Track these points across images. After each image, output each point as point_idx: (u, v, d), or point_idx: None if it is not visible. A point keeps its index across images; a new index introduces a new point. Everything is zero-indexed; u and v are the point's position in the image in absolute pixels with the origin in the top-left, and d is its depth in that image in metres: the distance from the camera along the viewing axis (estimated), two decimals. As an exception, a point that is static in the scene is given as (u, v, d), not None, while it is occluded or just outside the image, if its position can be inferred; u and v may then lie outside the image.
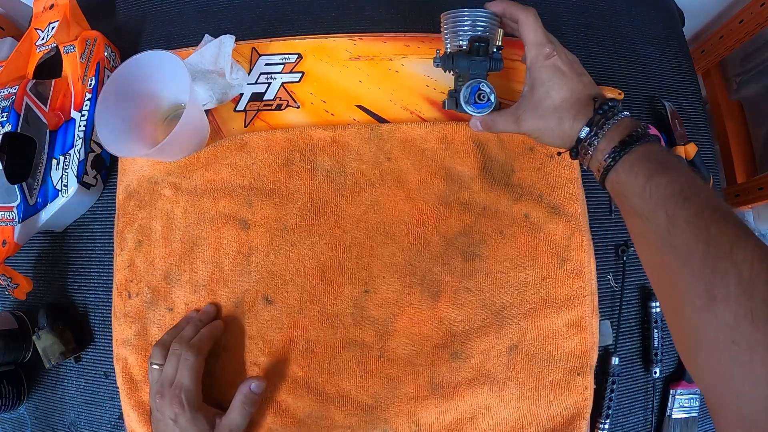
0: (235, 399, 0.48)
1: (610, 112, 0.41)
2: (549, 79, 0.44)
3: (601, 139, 0.40)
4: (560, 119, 0.44)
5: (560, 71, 0.44)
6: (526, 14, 0.47)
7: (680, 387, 0.55)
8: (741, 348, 0.27)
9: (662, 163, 0.36)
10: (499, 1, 0.49)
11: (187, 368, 0.47)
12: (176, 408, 0.45)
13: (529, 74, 0.47)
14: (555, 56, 0.45)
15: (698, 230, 0.31)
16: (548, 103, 0.44)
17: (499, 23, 0.51)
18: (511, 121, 0.48)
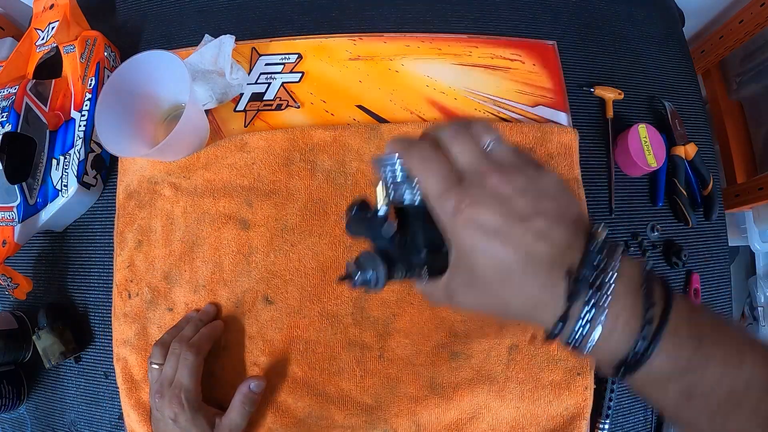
0: (235, 398, 0.48)
1: (602, 268, 0.27)
2: (470, 247, 0.29)
3: (602, 318, 0.27)
4: (506, 306, 0.30)
5: (483, 230, 0.28)
6: (407, 153, 0.32)
7: (680, 387, 0.55)
8: None
9: (715, 330, 0.27)
10: (391, 141, 0.33)
11: (186, 368, 0.47)
12: (176, 407, 0.45)
13: (447, 240, 0.32)
14: (468, 207, 0.29)
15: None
16: (480, 280, 0.30)
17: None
18: (445, 298, 0.34)
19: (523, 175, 0.30)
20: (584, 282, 0.27)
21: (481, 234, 0.28)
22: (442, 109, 0.58)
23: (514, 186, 0.29)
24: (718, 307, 0.59)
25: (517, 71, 0.61)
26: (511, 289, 0.29)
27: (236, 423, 0.47)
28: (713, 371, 0.26)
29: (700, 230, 0.60)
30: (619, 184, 0.59)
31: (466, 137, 0.32)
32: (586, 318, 0.27)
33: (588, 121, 0.60)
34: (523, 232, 0.28)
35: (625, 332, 0.26)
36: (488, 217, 0.28)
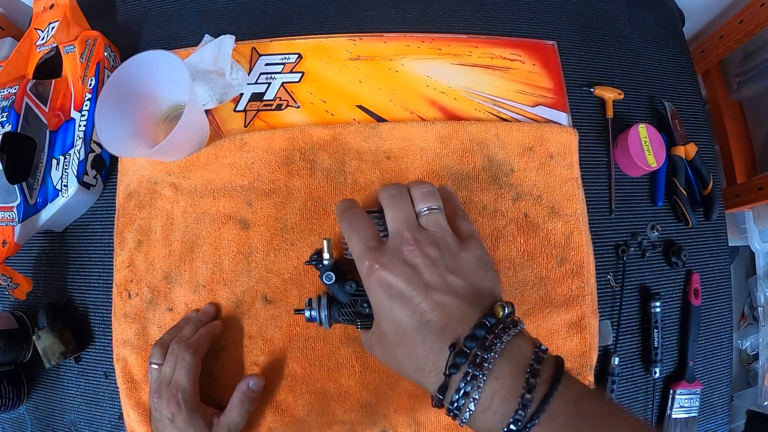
0: (233, 397, 0.48)
1: (475, 362, 0.28)
2: (378, 305, 0.32)
3: (475, 410, 0.28)
4: (399, 364, 0.32)
5: (389, 293, 0.31)
6: (340, 218, 0.36)
7: (680, 387, 0.55)
8: None
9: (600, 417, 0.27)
10: (338, 204, 0.38)
11: (183, 368, 0.46)
12: (173, 408, 0.45)
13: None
14: (378, 270, 0.32)
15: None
16: (385, 338, 0.33)
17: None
18: (367, 348, 0.39)
19: (440, 247, 0.32)
20: (465, 356, 0.28)
21: (386, 295, 0.31)
22: (442, 109, 0.58)
23: (426, 257, 0.32)
24: (717, 307, 0.59)
25: (517, 71, 0.61)
26: (403, 350, 0.31)
27: (235, 422, 0.46)
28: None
29: (700, 230, 0.60)
30: (619, 184, 0.59)
31: (403, 201, 0.35)
32: (463, 390, 0.28)
33: (588, 121, 0.60)
34: (422, 299, 0.30)
35: (499, 412, 0.27)
36: (394, 280, 0.31)
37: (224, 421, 0.46)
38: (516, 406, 0.27)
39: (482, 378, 0.27)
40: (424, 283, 0.31)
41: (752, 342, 0.83)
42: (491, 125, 0.56)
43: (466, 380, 0.28)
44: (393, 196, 0.35)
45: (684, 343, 0.56)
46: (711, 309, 0.59)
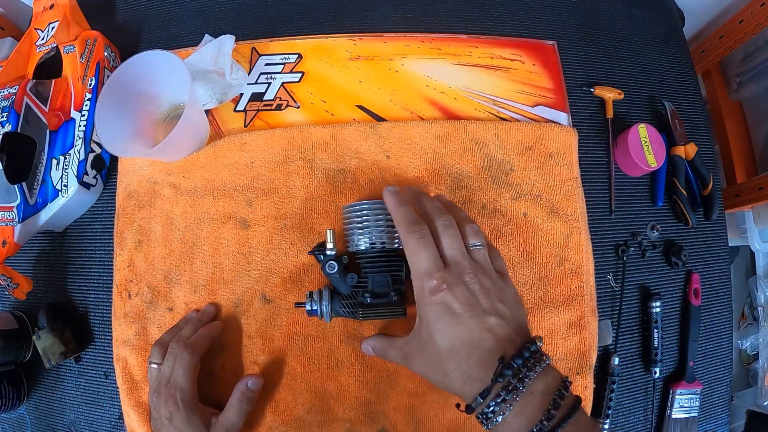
0: (232, 397, 0.48)
1: (518, 377, 0.33)
2: (435, 320, 0.36)
3: (507, 415, 0.33)
4: (445, 374, 0.36)
5: (450, 311, 0.36)
6: (403, 233, 0.40)
7: (680, 387, 0.55)
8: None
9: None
10: (396, 206, 0.42)
11: (182, 368, 0.46)
12: (171, 407, 0.44)
13: (417, 307, 0.39)
14: (445, 291, 0.36)
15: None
16: (433, 349, 0.37)
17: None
18: (401, 357, 0.42)
19: (491, 280, 0.39)
20: (511, 369, 0.33)
21: (447, 313, 0.36)
22: (442, 109, 0.58)
23: (482, 286, 0.37)
24: (717, 307, 0.59)
25: (517, 71, 0.61)
26: (453, 362, 0.35)
27: (233, 421, 0.46)
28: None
29: (700, 230, 0.60)
30: (619, 184, 0.59)
31: (457, 233, 0.40)
32: (503, 397, 0.33)
33: (588, 121, 0.60)
34: (478, 321, 0.36)
35: (526, 419, 0.32)
36: (456, 301, 0.36)
37: (222, 421, 0.46)
38: (542, 417, 0.32)
39: (521, 390, 0.33)
40: (481, 308, 0.36)
41: (752, 342, 0.83)
42: (491, 125, 0.56)
43: (507, 389, 0.33)
44: (448, 226, 0.40)
45: (684, 343, 0.56)
46: (711, 309, 0.59)
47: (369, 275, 0.47)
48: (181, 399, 0.45)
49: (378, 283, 0.47)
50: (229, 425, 0.46)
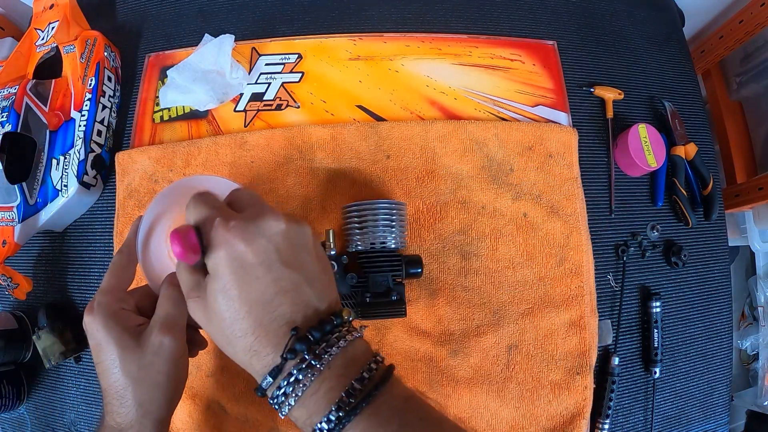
0: (161, 291, 0.37)
1: (314, 352, 0.28)
2: (223, 273, 0.29)
3: (301, 396, 0.28)
4: (229, 342, 0.30)
5: (241, 263, 0.29)
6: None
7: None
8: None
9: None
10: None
11: (108, 270, 0.38)
12: (87, 315, 0.35)
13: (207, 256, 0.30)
14: (240, 236, 0.29)
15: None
16: (216, 308, 0.29)
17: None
18: (196, 309, 0.31)
19: (303, 239, 0.32)
20: (306, 343, 0.28)
21: (237, 266, 0.29)
22: (442, 109, 0.58)
23: (289, 239, 0.31)
24: (717, 307, 0.59)
25: (517, 71, 0.61)
26: (238, 328, 0.29)
27: (168, 314, 0.35)
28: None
29: (700, 230, 0.60)
30: (619, 184, 0.59)
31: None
32: (295, 376, 0.28)
33: (588, 121, 0.60)
34: (273, 280, 0.29)
35: (324, 399, 0.28)
36: (252, 252, 0.29)
37: (156, 318, 0.35)
38: (342, 393, 0.27)
39: (318, 368, 0.28)
40: (282, 262, 0.30)
41: (752, 342, 0.83)
42: (491, 125, 0.56)
43: (301, 367, 0.28)
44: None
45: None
46: (711, 309, 0.59)
47: (369, 275, 0.47)
48: (98, 302, 0.35)
49: (378, 283, 0.47)
50: (163, 320, 0.35)
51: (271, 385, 0.29)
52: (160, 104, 0.60)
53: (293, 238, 0.31)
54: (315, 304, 0.30)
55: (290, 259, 0.30)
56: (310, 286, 0.30)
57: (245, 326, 0.29)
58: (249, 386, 0.51)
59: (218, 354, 0.52)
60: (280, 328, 0.29)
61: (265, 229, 0.30)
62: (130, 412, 0.34)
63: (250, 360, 0.29)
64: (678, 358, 0.57)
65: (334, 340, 0.29)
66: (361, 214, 0.47)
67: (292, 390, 0.28)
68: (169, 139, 0.59)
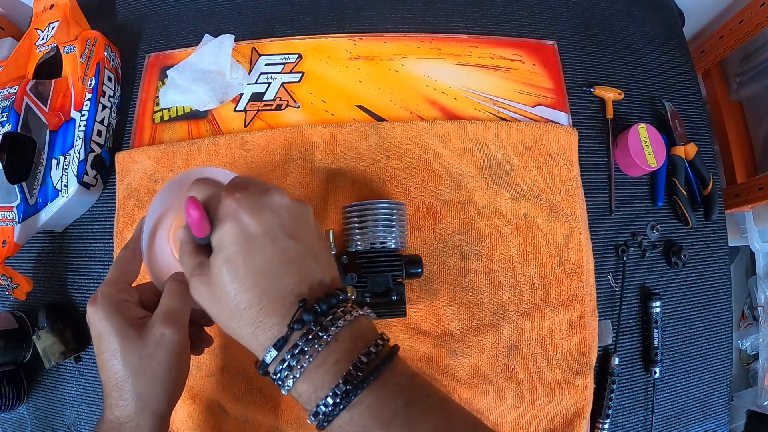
0: (166, 285, 0.37)
1: (321, 324, 0.28)
2: (228, 243, 0.29)
3: (307, 368, 0.27)
4: (233, 316, 0.29)
5: (246, 234, 0.29)
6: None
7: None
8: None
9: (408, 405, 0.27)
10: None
11: (114, 263, 0.38)
12: (90, 306, 0.35)
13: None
14: (245, 208, 0.29)
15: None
16: (221, 280, 0.29)
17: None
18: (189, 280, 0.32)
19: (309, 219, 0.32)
20: (313, 314, 0.28)
21: (243, 237, 0.29)
22: (442, 109, 0.58)
23: (293, 212, 0.31)
24: (717, 307, 0.59)
25: (517, 71, 0.61)
26: (244, 299, 0.29)
27: (173, 306, 0.35)
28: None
29: (700, 230, 0.60)
30: (619, 184, 0.59)
31: None
32: (300, 347, 0.27)
33: (588, 121, 0.60)
34: (280, 250, 0.29)
35: (330, 372, 0.27)
36: (257, 223, 0.29)
37: (159, 311, 0.35)
38: (349, 367, 0.27)
39: (324, 339, 0.28)
40: (287, 233, 0.31)
41: (752, 342, 0.83)
42: (491, 125, 0.56)
43: (307, 338, 0.28)
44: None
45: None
46: (711, 309, 0.59)
47: (369, 275, 0.47)
48: (101, 293, 0.35)
49: (378, 283, 0.47)
50: (167, 312, 0.35)
51: (275, 358, 0.28)
52: (160, 104, 0.60)
53: (297, 212, 0.31)
54: (320, 277, 0.30)
55: (294, 232, 0.30)
56: (314, 259, 0.31)
57: (250, 297, 0.29)
58: (249, 386, 0.51)
59: (218, 354, 0.52)
60: (286, 298, 0.29)
61: (270, 202, 0.30)
62: (129, 405, 0.34)
63: (254, 332, 0.29)
64: (678, 358, 0.57)
65: (340, 313, 0.29)
66: (361, 214, 0.47)
67: (297, 362, 0.27)
68: (169, 139, 0.59)
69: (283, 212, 0.30)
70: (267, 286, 0.29)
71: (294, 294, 0.29)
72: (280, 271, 0.29)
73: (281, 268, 0.29)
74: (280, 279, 0.29)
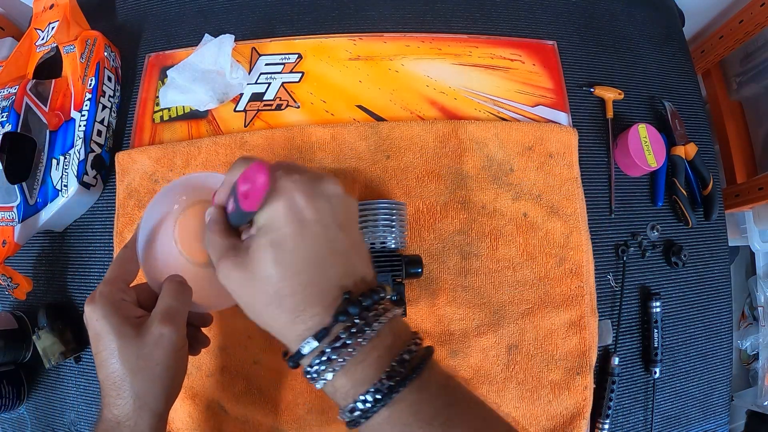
0: (164, 285, 0.37)
1: (365, 318, 0.27)
2: (279, 225, 0.28)
3: (347, 362, 0.27)
4: (270, 302, 0.28)
5: (299, 217, 0.28)
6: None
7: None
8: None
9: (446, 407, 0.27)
10: None
11: (113, 261, 0.38)
12: (88, 306, 0.34)
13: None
14: (300, 191, 0.28)
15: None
16: (263, 265, 0.28)
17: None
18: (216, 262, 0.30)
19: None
20: (358, 307, 0.27)
21: (295, 219, 0.28)
22: (442, 109, 0.58)
23: (343, 204, 0.30)
24: (717, 307, 0.59)
25: (517, 71, 0.61)
26: (288, 286, 0.28)
27: (170, 306, 0.35)
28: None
29: (700, 230, 0.60)
30: (619, 184, 0.59)
31: None
32: (343, 341, 0.27)
33: (588, 121, 0.60)
34: (330, 240, 0.28)
35: (372, 367, 0.27)
36: (311, 207, 0.28)
37: (157, 310, 0.35)
38: (392, 362, 0.27)
39: (368, 333, 0.27)
40: (338, 223, 0.30)
41: (752, 342, 0.83)
42: (491, 125, 0.56)
43: (350, 331, 0.27)
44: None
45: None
46: (711, 309, 0.59)
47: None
48: (99, 292, 0.35)
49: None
50: (164, 312, 0.35)
51: (314, 350, 0.27)
52: (160, 104, 0.60)
53: (347, 204, 0.31)
54: (362, 273, 0.30)
55: (344, 224, 0.29)
56: (357, 255, 0.30)
57: (295, 284, 0.28)
58: (249, 386, 0.51)
59: (218, 354, 0.52)
60: (331, 289, 0.28)
61: (325, 189, 0.29)
62: (127, 404, 0.34)
63: (294, 320, 0.28)
64: (678, 358, 0.57)
65: (381, 310, 0.28)
66: (361, 214, 0.47)
67: (338, 356, 0.27)
68: (169, 139, 0.59)
69: (336, 201, 0.30)
70: (313, 275, 0.28)
71: (338, 286, 0.28)
72: (327, 261, 0.28)
73: (329, 258, 0.28)
74: (327, 269, 0.28)
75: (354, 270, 0.29)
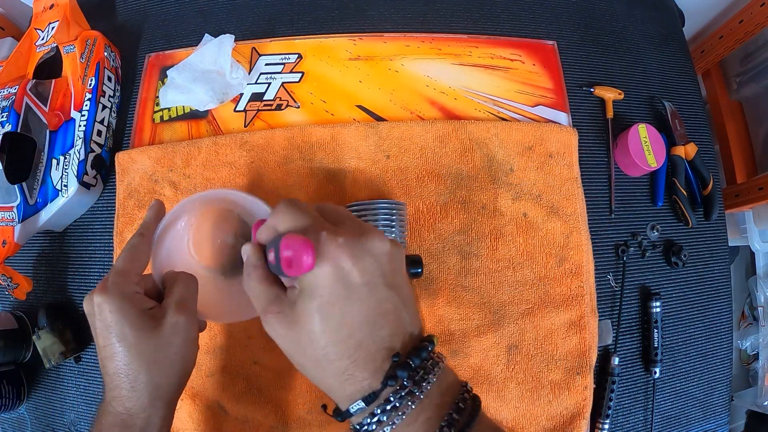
0: (177, 277, 0.38)
1: (414, 379, 0.27)
2: (323, 291, 0.27)
3: (397, 426, 0.27)
4: (318, 364, 0.28)
5: (346, 282, 0.27)
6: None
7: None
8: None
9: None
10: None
11: (125, 250, 0.37)
12: (98, 295, 0.34)
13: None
14: (346, 253, 0.27)
15: None
16: (311, 328, 0.28)
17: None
18: (278, 322, 0.29)
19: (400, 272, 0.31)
20: (407, 370, 0.27)
21: (342, 284, 0.28)
22: (442, 109, 0.58)
23: (388, 254, 0.30)
24: (717, 307, 0.59)
25: (517, 71, 0.61)
26: (335, 351, 0.28)
27: (182, 296, 0.36)
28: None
29: (700, 230, 0.60)
30: (619, 184, 0.59)
31: None
32: (393, 404, 0.27)
33: (588, 121, 0.60)
34: (377, 301, 0.28)
35: (422, 428, 0.27)
36: (357, 270, 0.28)
37: (171, 300, 0.36)
38: (442, 423, 0.27)
39: (418, 396, 0.27)
40: (384, 282, 0.30)
41: (752, 342, 0.83)
42: (491, 125, 0.56)
43: (400, 395, 0.27)
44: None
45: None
46: (711, 309, 0.59)
47: None
48: (112, 282, 0.34)
49: None
50: (176, 302, 0.35)
51: (362, 411, 0.27)
52: (160, 104, 0.60)
53: (395, 258, 0.30)
54: (410, 329, 0.29)
55: (391, 281, 0.29)
56: (406, 309, 0.30)
57: (342, 349, 0.28)
58: (249, 386, 0.51)
59: (218, 354, 0.52)
60: (379, 352, 0.28)
61: (372, 248, 0.29)
62: (142, 396, 0.34)
63: (342, 384, 0.28)
64: (678, 358, 0.57)
65: (429, 367, 0.28)
66: (361, 214, 0.47)
67: (387, 418, 0.27)
68: (169, 139, 0.59)
69: (384, 259, 0.29)
70: (360, 339, 0.28)
71: (386, 348, 0.28)
72: (375, 324, 0.28)
73: (377, 320, 0.28)
74: (375, 332, 0.28)
75: (402, 328, 0.29)
